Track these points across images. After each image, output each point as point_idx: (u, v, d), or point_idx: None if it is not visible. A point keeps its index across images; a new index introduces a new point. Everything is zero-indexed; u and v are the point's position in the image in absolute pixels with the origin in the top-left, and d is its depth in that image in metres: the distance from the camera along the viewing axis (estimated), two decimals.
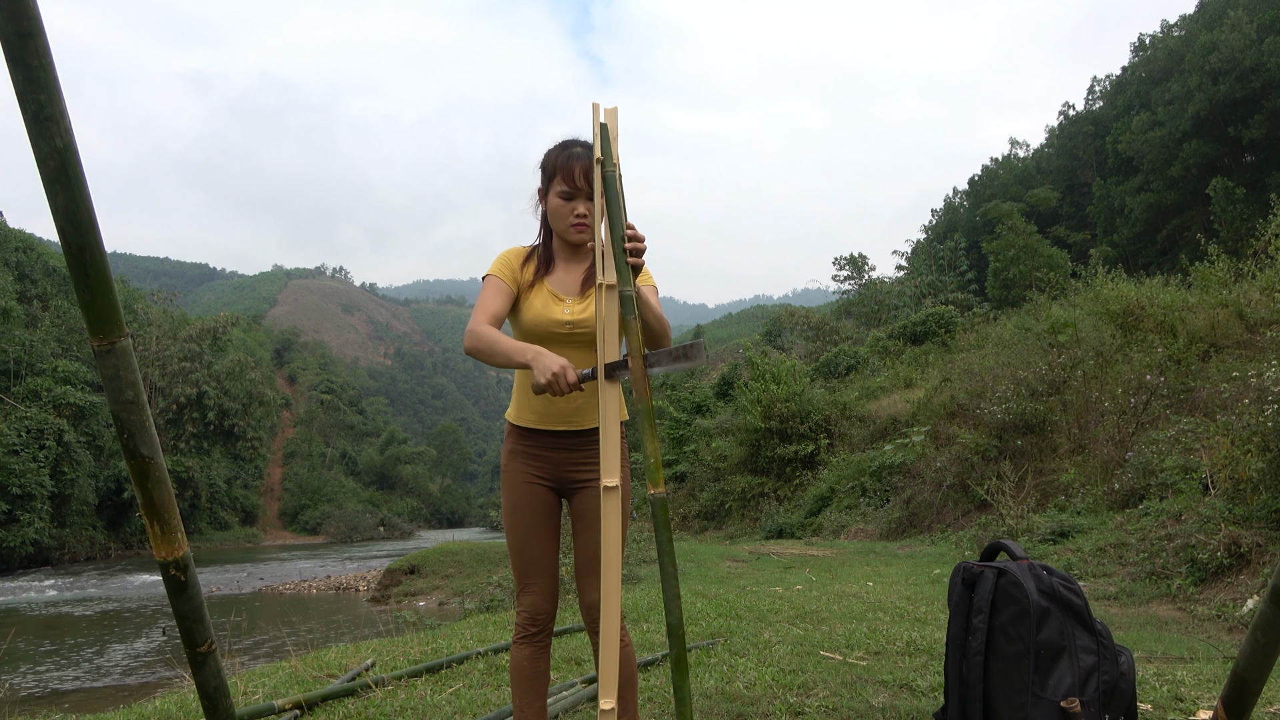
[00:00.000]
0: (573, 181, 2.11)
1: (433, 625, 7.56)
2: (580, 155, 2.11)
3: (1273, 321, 9.70)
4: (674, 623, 1.85)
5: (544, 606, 2.15)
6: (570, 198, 2.12)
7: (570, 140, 2.19)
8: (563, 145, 2.18)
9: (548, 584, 2.17)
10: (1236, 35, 34.27)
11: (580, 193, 2.12)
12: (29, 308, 39.67)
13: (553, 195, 2.16)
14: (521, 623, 2.15)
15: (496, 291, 2.16)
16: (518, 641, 2.15)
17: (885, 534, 12.86)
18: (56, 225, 1.15)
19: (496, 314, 2.14)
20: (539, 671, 2.15)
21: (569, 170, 2.11)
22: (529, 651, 2.14)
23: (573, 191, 2.12)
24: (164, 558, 1.34)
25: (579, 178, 2.10)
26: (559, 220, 2.16)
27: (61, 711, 4.47)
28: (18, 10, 1.03)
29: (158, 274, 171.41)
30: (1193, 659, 3.91)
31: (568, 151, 2.14)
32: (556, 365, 1.90)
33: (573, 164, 2.11)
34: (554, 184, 2.15)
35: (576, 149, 2.14)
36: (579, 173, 2.10)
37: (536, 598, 2.15)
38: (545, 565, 2.17)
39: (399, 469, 76.92)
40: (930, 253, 44.13)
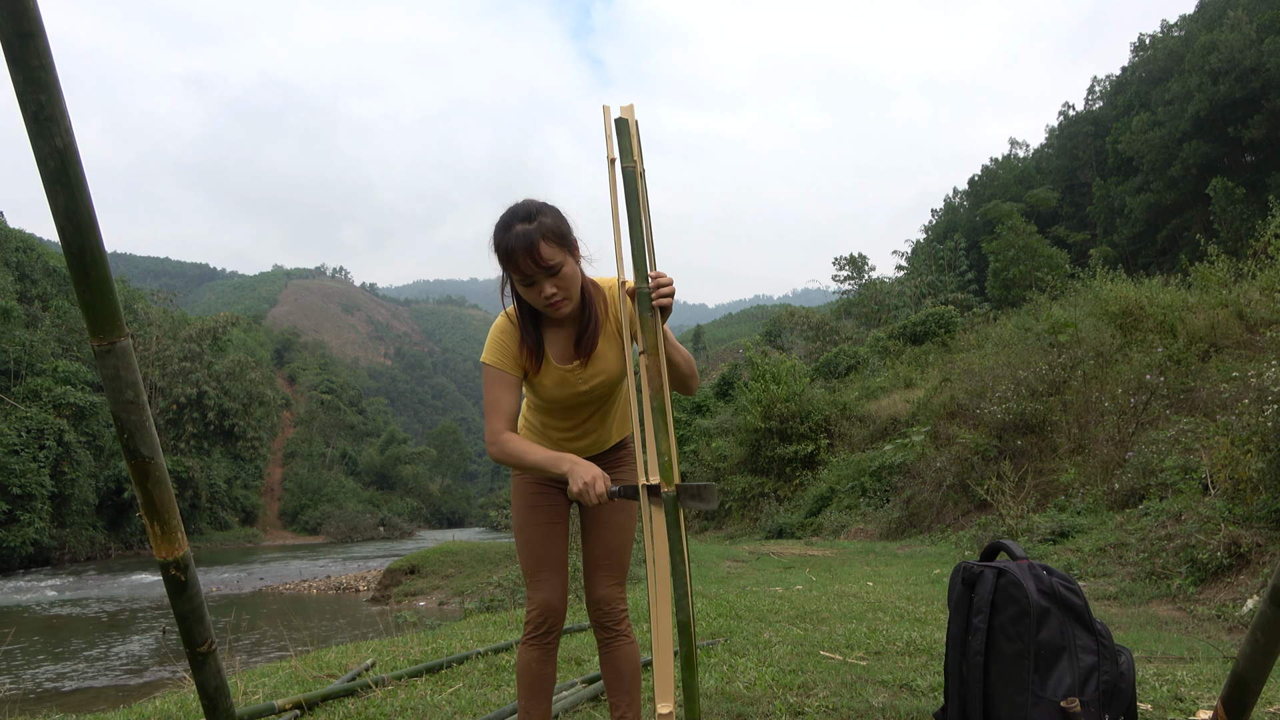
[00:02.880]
0: (521, 270, 1.92)
1: (433, 625, 7.57)
2: (521, 237, 1.89)
3: (1273, 321, 9.70)
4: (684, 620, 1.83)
5: (556, 604, 2.14)
6: (531, 283, 1.93)
7: (509, 217, 1.95)
8: (503, 226, 1.94)
9: (559, 582, 2.16)
10: (1236, 35, 34.28)
11: (539, 273, 1.91)
12: (29, 308, 39.67)
13: (515, 282, 1.98)
14: (533, 621, 2.13)
15: (505, 387, 2.04)
16: (527, 642, 2.14)
17: (885, 534, 12.86)
18: (56, 225, 1.15)
19: (512, 414, 2.05)
20: (546, 674, 2.14)
21: (511, 261, 1.91)
22: (538, 653, 2.13)
23: (530, 277, 1.92)
24: (164, 558, 1.34)
25: (526, 264, 1.90)
26: (533, 304, 1.99)
27: (61, 711, 4.47)
28: (18, 10, 1.03)
29: (158, 274, 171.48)
30: (1193, 659, 3.90)
31: (507, 238, 1.91)
32: (589, 476, 1.90)
33: (515, 254, 1.90)
34: (509, 273, 1.97)
35: (517, 228, 1.90)
36: (524, 260, 1.89)
37: (549, 595, 2.14)
38: (557, 563, 2.18)
39: (399, 469, 76.92)
40: (930, 253, 44.14)
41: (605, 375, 2.10)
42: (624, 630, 2.18)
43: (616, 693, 2.18)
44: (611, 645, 2.17)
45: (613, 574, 2.19)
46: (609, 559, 2.19)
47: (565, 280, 1.95)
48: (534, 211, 1.94)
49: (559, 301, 1.96)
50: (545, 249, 1.90)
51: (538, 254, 1.89)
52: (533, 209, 1.95)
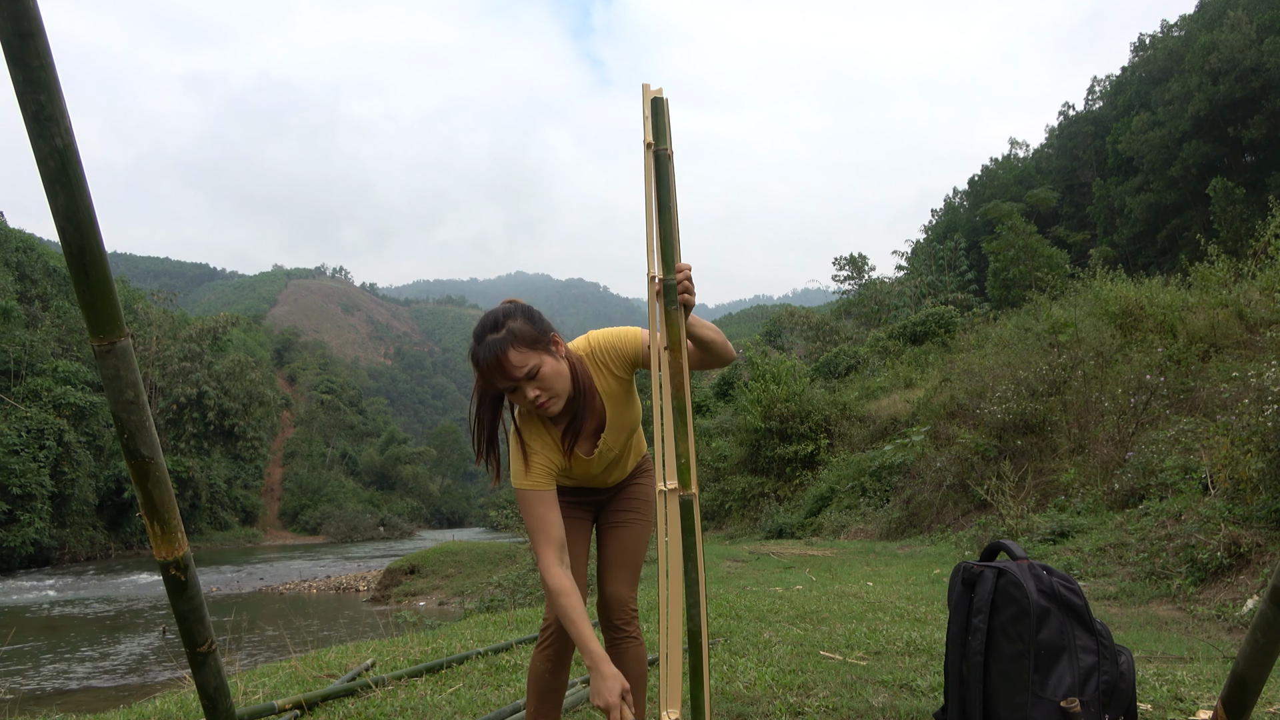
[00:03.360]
0: (494, 384, 1.89)
1: (433, 625, 7.57)
2: (488, 349, 1.86)
3: (1273, 321, 9.70)
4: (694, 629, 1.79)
5: None
6: (514, 390, 1.90)
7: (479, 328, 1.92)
8: (475, 339, 1.92)
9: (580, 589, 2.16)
10: (1236, 35, 34.28)
11: (516, 382, 1.88)
12: (29, 308, 39.67)
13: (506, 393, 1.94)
14: (550, 629, 2.12)
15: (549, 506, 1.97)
16: (540, 650, 2.12)
17: (885, 534, 12.85)
18: (56, 225, 1.15)
19: (561, 538, 1.96)
20: (559, 683, 2.13)
21: (487, 375, 1.88)
22: (551, 664, 2.12)
23: (510, 386, 1.89)
24: (164, 558, 1.34)
25: (498, 378, 1.87)
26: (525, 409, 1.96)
27: (61, 711, 4.47)
28: (18, 10, 1.03)
29: (158, 274, 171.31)
30: (1193, 659, 3.90)
31: (476, 352, 1.89)
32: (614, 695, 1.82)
33: (485, 369, 1.87)
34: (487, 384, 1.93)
35: (486, 339, 1.88)
36: (495, 374, 1.87)
37: None
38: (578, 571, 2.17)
39: (399, 469, 76.92)
40: (930, 253, 44.12)
41: (619, 433, 2.10)
42: (633, 631, 2.18)
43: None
44: (620, 646, 2.17)
45: (626, 573, 2.20)
46: (623, 558, 2.20)
47: (546, 381, 1.89)
48: (501, 320, 1.90)
49: (545, 403, 1.90)
50: (515, 356, 1.86)
51: (508, 364, 1.86)
52: (500, 317, 1.91)
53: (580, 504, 2.24)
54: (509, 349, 1.86)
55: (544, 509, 1.96)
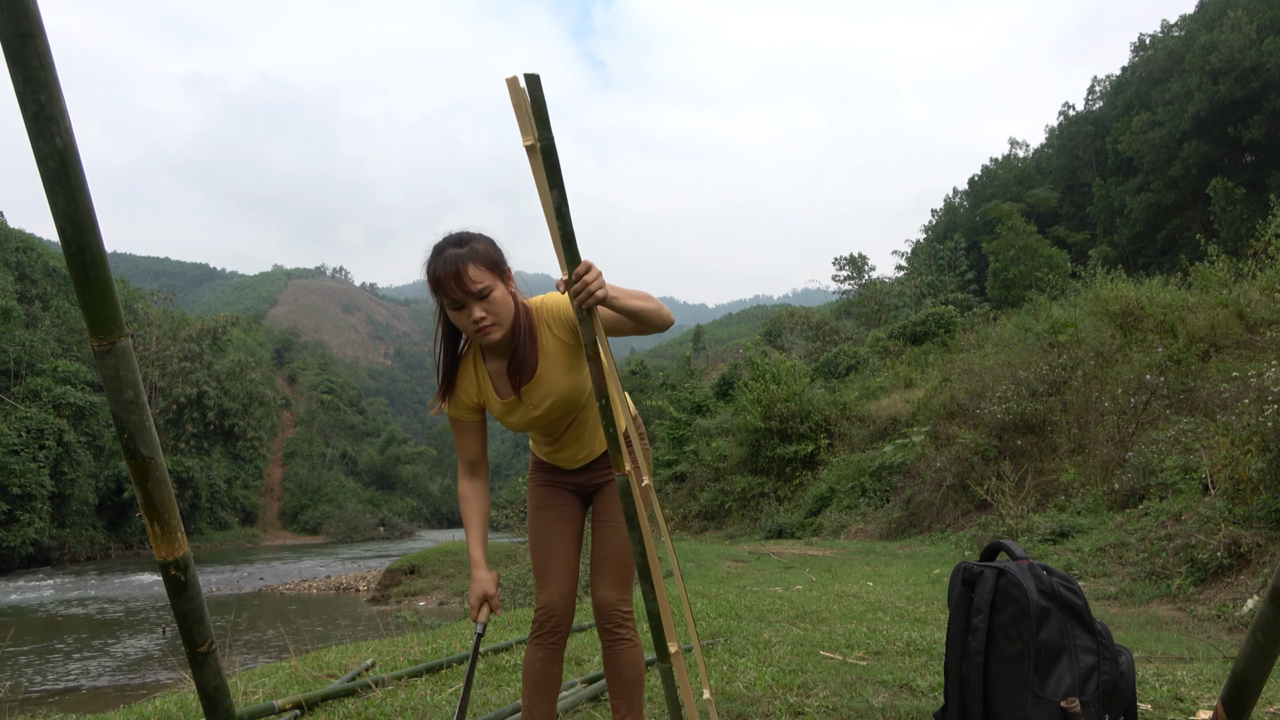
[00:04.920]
0: (448, 294, 1.91)
1: (433, 625, 7.57)
2: (449, 260, 1.89)
3: (1273, 321, 9.70)
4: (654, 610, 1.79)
5: (560, 604, 2.15)
6: (460, 307, 1.93)
7: (441, 243, 1.96)
8: (435, 251, 1.95)
9: (564, 582, 2.17)
10: (1236, 35, 34.28)
11: (467, 298, 1.91)
12: (29, 308, 39.68)
13: (446, 308, 1.97)
14: (537, 620, 2.15)
15: (463, 433, 2.16)
16: (533, 642, 2.15)
17: (885, 534, 12.85)
18: (56, 225, 1.15)
19: (472, 457, 2.19)
20: (551, 674, 2.14)
21: (440, 285, 1.91)
22: (543, 653, 2.13)
23: (459, 301, 1.92)
24: (164, 558, 1.34)
25: (453, 288, 1.89)
26: (464, 330, 1.99)
27: (61, 711, 4.47)
28: (18, 10, 1.03)
29: (158, 274, 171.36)
30: (1193, 659, 3.90)
31: (436, 263, 1.92)
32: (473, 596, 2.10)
33: (443, 278, 1.89)
34: (438, 298, 1.96)
35: (448, 252, 1.91)
36: (451, 284, 1.89)
37: (553, 594, 2.15)
38: (563, 564, 2.19)
39: (399, 469, 76.93)
40: (930, 253, 44.11)
41: (554, 397, 2.08)
42: (626, 634, 2.17)
43: (618, 696, 2.18)
44: (614, 648, 2.17)
45: (614, 575, 2.18)
46: (610, 560, 2.19)
47: (495, 305, 1.93)
48: (465, 238, 1.95)
49: (488, 326, 1.93)
50: (474, 271, 1.90)
51: (465, 277, 1.89)
52: (465, 236, 1.96)
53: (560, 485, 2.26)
54: (469, 263, 1.90)
55: (460, 434, 2.16)
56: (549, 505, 2.22)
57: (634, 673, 2.17)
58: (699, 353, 73.58)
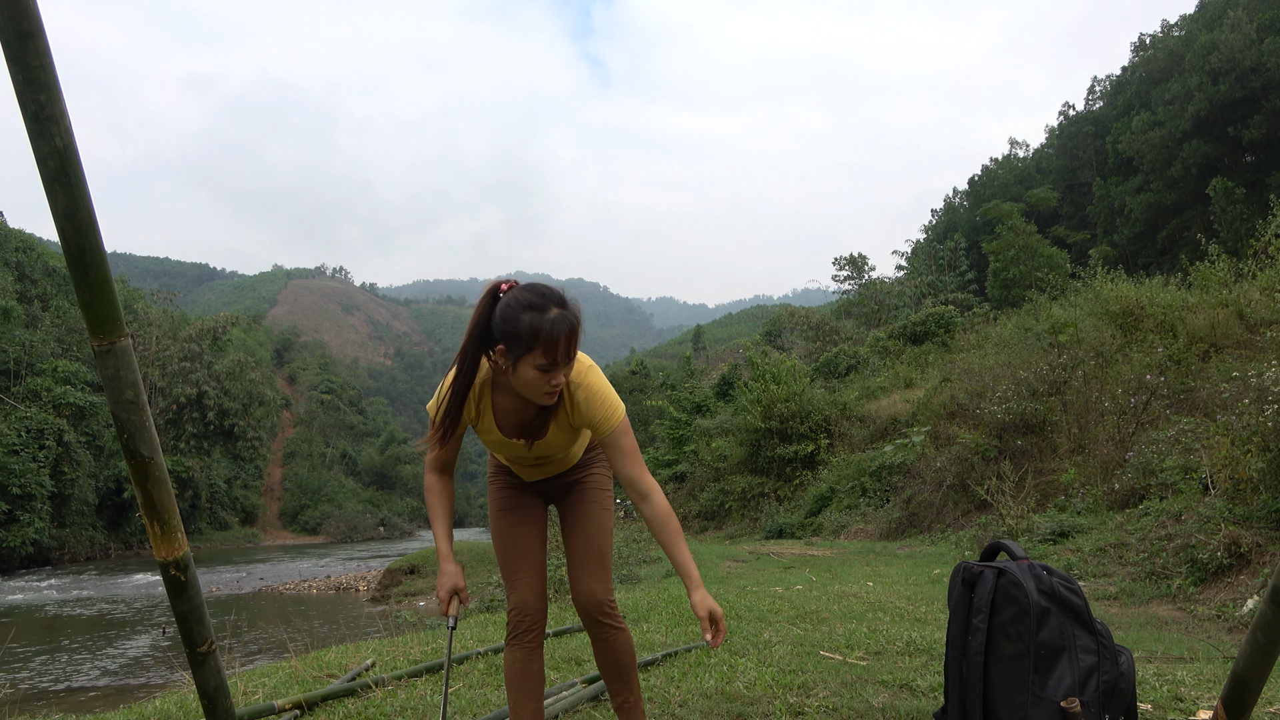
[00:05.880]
0: (554, 355, 1.81)
1: (433, 625, 7.57)
2: (564, 321, 1.80)
3: (1273, 321, 9.70)
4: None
5: (532, 603, 2.15)
6: (549, 369, 1.83)
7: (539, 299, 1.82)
8: (537, 308, 1.80)
9: (536, 582, 2.17)
10: (1236, 35, 34.29)
11: (567, 364, 1.85)
12: (29, 308, 39.68)
13: (525, 365, 1.83)
14: (512, 621, 2.15)
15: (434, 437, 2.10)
16: (509, 643, 2.15)
17: (885, 534, 12.85)
18: (56, 225, 1.15)
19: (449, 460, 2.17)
20: (532, 673, 2.15)
21: (553, 345, 1.79)
22: (520, 653, 2.14)
23: (557, 364, 1.83)
24: (164, 558, 1.34)
25: (563, 352, 1.81)
26: (531, 389, 1.88)
27: (61, 711, 4.47)
28: (18, 10, 1.03)
29: (158, 274, 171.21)
30: (1193, 659, 3.90)
31: (548, 320, 1.79)
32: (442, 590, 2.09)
33: (556, 337, 1.79)
34: (530, 355, 1.81)
35: (555, 312, 1.80)
36: (563, 346, 1.81)
37: (525, 594, 2.15)
38: (533, 564, 2.19)
39: (399, 469, 76.94)
40: (930, 253, 44.11)
41: (551, 450, 2.13)
42: (615, 622, 2.19)
43: (615, 681, 2.21)
44: (605, 637, 2.19)
45: (595, 567, 2.19)
46: (588, 552, 2.19)
47: (568, 372, 1.90)
48: (564, 297, 1.85)
49: (558, 390, 1.89)
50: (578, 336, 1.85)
51: (575, 340, 1.82)
52: (562, 293, 1.86)
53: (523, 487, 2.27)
54: (579, 327, 1.84)
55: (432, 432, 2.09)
56: (515, 507, 2.22)
57: (628, 657, 2.20)
58: (699, 353, 73.58)
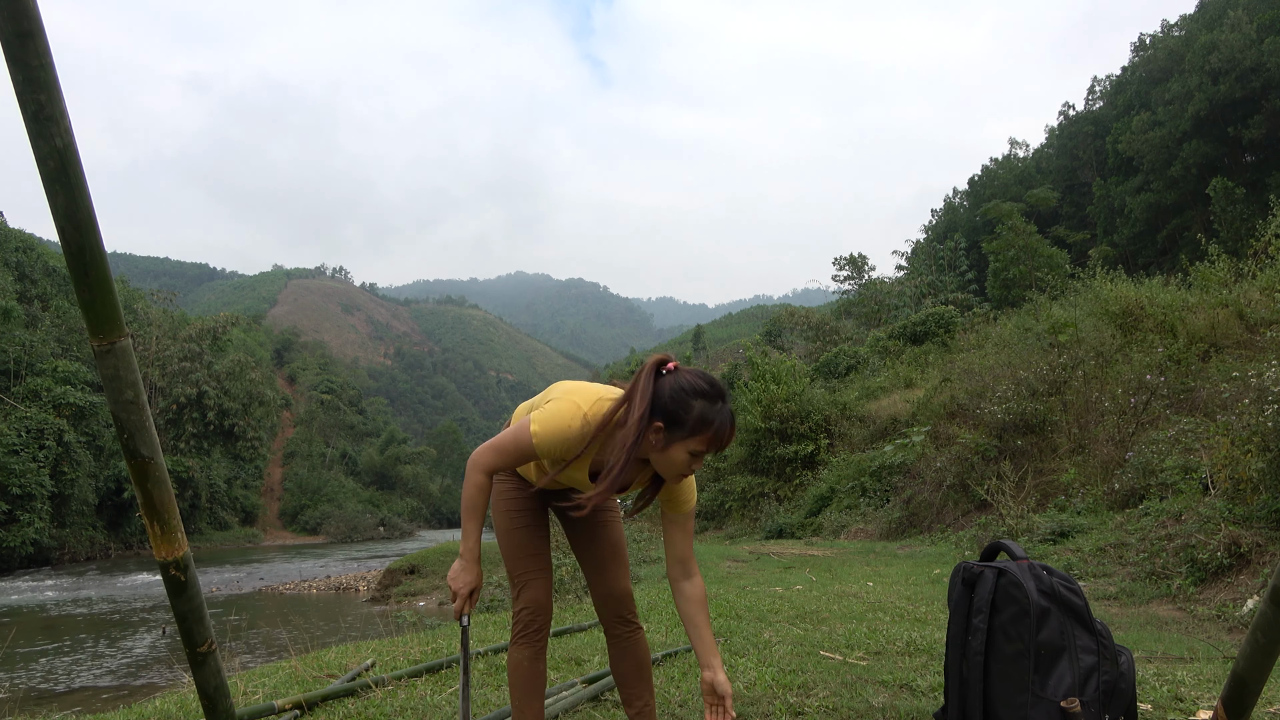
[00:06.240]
0: (716, 447, 1.91)
1: (433, 625, 7.57)
2: (728, 417, 1.91)
3: (1273, 321, 9.70)
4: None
5: (545, 602, 2.17)
6: (699, 456, 1.92)
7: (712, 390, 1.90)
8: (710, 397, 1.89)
9: (546, 581, 2.20)
10: (1236, 35, 34.29)
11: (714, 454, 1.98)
12: (29, 308, 39.67)
13: (679, 448, 1.90)
14: (524, 620, 2.15)
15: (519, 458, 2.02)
16: (518, 642, 2.16)
17: (885, 534, 12.85)
18: (56, 225, 1.15)
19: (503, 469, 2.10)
20: (539, 671, 2.17)
21: (719, 438, 1.89)
22: (530, 652, 2.15)
23: (707, 453, 1.93)
24: (164, 558, 1.34)
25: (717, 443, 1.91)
26: (669, 468, 1.95)
27: (61, 711, 4.47)
28: (18, 10, 1.03)
29: (158, 274, 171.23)
30: (1193, 659, 3.90)
31: (718, 412, 1.88)
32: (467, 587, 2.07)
33: (724, 434, 1.90)
34: (690, 440, 1.89)
35: (721, 406, 1.89)
36: (722, 438, 1.91)
37: (539, 593, 2.17)
38: (544, 564, 2.21)
39: (399, 469, 76.91)
40: (930, 253, 44.11)
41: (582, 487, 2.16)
42: (637, 621, 2.26)
43: (636, 684, 2.24)
44: (630, 638, 2.23)
45: (623, 568, 2.26)
46: (617, 554, 2.26)
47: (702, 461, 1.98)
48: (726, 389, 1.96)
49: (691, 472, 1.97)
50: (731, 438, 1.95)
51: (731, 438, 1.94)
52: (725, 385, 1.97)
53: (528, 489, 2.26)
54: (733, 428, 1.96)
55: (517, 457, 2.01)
56: (524, 508, 2.23)
57: (648, 659, 2.27)
58: (699, 353, 73.56)
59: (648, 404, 1.89)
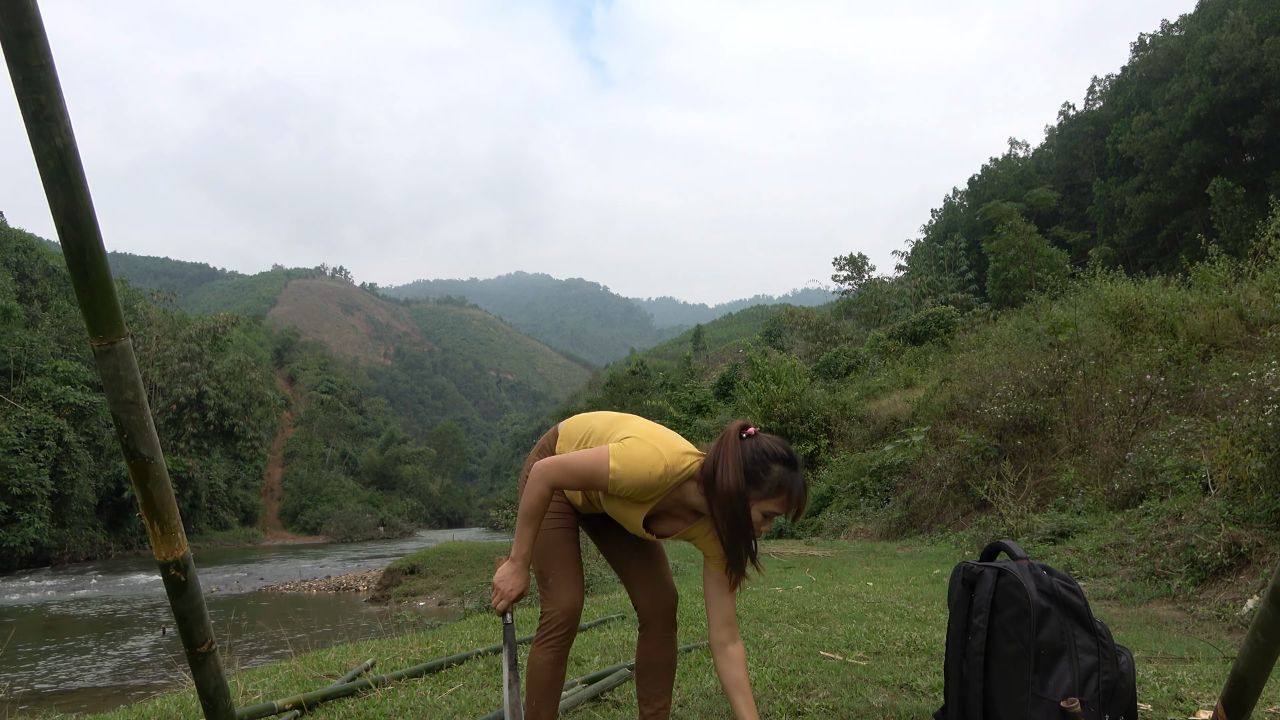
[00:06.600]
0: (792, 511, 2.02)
1: (433, 625, 7.57)
2: (804, 484, 2.03)
3: (1273, 321, 9.70)
4: None
5: (577, 607, 2.20)
6: (770, 518, 2.03)
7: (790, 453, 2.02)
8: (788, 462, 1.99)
9: (580, 586, 2.22)
10: (1236, 35, 34.28)
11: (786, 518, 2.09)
12: (29, 308, 39.66)
13: (756, 507, 1.98)
14: (555, 624, 2.16)
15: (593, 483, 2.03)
16: (543, 644, 2.16)
17: (885, 534, 12.85)
18: (56, 225, 1.15)
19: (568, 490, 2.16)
20: (559, 675, 2.18)
21: (795, 501, 1.99)
22: (554, 656, 2.16)
23: (781, 515, 2.05)
24: (164, 558, 1.34)
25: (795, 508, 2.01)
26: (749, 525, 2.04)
27: (61, 711, 4.47)
28: (18, 10, 1.03)
29: (158, 274, 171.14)
30: (1193, 659, 3.90)
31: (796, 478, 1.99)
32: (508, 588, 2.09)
33: (801, 499, 2.01)
34: (767, 501, 1.98)
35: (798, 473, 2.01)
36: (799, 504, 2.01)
37: (572, 598, 2.18)
38: (579, 569, 2.24)
39: (399, 469, 76.90)
40: (930, 253, 44.13)
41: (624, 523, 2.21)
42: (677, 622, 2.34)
43: (659, 684, 2.28)
44: (669, 639, 2.29)
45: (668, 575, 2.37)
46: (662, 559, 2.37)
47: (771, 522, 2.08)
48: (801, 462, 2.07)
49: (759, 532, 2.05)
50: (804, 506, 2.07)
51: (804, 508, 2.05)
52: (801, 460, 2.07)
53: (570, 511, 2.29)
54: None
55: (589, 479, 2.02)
56: (560, 512, 2.25)
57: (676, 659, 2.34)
58: (699, 353, 73.58)
59: (739, 469, 1.96)
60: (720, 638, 2.14)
